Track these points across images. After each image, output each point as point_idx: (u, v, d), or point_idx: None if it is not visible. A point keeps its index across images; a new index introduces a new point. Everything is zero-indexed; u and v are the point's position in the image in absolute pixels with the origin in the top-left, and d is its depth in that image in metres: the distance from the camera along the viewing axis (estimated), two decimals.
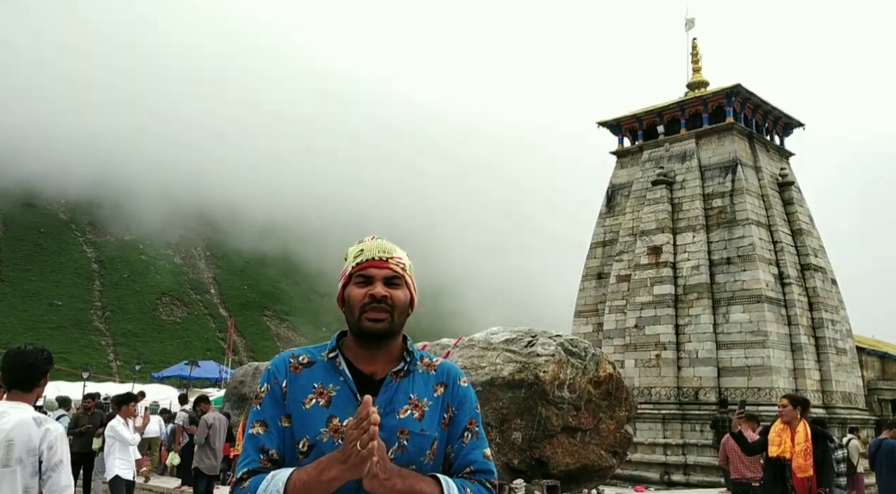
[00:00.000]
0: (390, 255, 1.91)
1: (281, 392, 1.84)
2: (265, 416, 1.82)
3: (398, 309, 1.87)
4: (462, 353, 12.04)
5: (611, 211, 22.86)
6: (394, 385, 1.85)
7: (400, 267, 1.91)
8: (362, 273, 1.89)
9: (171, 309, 65.73)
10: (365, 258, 1.90)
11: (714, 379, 18.69)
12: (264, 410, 1.83)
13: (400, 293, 1.89)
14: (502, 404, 11.08)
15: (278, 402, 1.83)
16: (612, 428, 11.82)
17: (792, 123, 23.29)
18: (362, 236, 2.01)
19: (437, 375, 1.93)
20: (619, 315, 20.75)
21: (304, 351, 1.93)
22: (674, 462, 18.42)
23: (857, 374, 20.21)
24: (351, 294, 1.88)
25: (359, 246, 1.95)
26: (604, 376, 11.69)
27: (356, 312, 1.85)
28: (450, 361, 2.06)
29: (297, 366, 1.87)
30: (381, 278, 1.88)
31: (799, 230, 20.45)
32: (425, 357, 1.97)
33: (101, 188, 73.92)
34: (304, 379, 1.85)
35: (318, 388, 1.82)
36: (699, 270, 19.63)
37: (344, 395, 1.81)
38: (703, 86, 22.65)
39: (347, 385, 1.83)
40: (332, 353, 1.89)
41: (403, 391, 1.85)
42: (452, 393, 1.92)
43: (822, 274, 20.17)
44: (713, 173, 20.71)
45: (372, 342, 1.86)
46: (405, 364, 1.89)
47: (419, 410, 1.84)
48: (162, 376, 34.87)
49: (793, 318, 18.94)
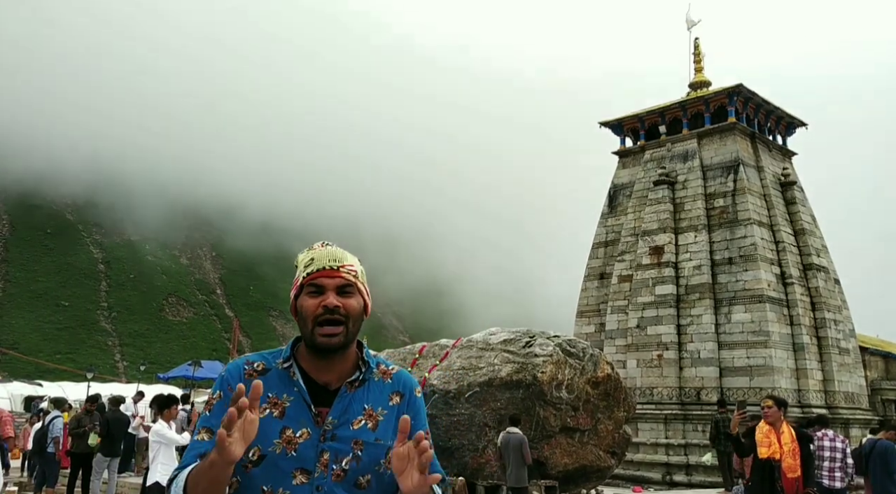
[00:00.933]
0: (341, 263, 1.89)
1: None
2: (212, 423, 1.78)
3: (352, 318, 1.86)
4: (461, 354, 12.08)
5: (613, 211, 22.85)
6: (348, 395, 1.84)
7: (352, 275, 1.89)
8: (314, 282, 1.86)
9: (178, 310, 66.01)
10: (316, 267, 1.87)
11: (716, 380, 18.66)
12: (213, 417, 1.80)
13: (353, 301, 1.87)
14: (500, 404, 11.11)
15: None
16: (611, 429, 11.83)
17: (794, 123, 23.23)
18: (327, 240, 1.99)
19: (394, 384, 1.93)
20: (621, 315, 20.74)
21: (259, 358, 1.91)
22: (676, 462, 18.40)
23: (860, 374, 20.13)
24: (303, 304, 1.85)
25: (309, 253, 1.92)
26: (602, 376, 11.70)
27: (310, 324, 1.83)
28: (447, 361, 2.08)
29: (251, 373, 1.85)
30: (334, 287, 1.86)
31: (801, 230, 20.40)
32: (382, 364, 1.96)
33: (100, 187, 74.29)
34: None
35: (271, 398, 1.79)
36: (701, 270, 19.61)
37: (298, 406, 1.80)
38: (705, 86, 22.61)
39: (301, 396, 1.81)
40: (286, 363, 1.86)
41: (358, 401, 1.85)
42: (409, 404, 1.92)
43: (824, 274, 20.12)
44: (715, 173, 20.68)
45: (326, 354, 1.85)
46: (360, 373, 1.88)
47: (373, 420, 1.84)
48: (168, 376, 35.01)
49: (795, 318, 18.89)
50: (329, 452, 1.78)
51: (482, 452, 10.77)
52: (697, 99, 21.90)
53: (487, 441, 10.96)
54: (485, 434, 10.91)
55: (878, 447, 8.67)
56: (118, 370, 51.59)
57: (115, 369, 51.28)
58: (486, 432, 10.99)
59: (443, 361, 12.17)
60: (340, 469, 1.78)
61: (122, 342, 57.53)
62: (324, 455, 1.77)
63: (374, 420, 1.84)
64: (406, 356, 13.06)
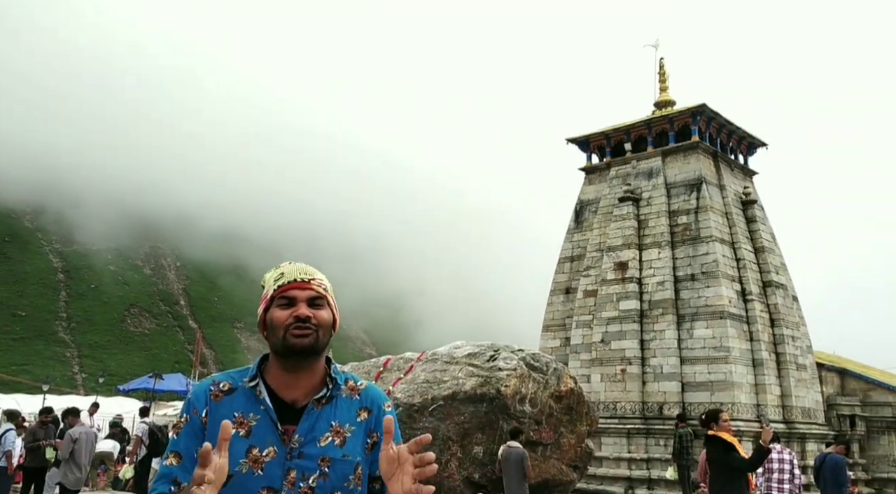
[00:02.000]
0: (312, 277, 1.92)
1: (200, 423, 1.83)
2: (180, 448, 1.81)
3: (322, 328, 1.87)
4: (425, 367, 12.08)
5: (579, 226, 23.11)
6: (315, 412, 1.84)
7: (322, 288, 1.92)
8: (285, 294, 1.88)
9: (140, 321, 64.78)
10: (287, 280, 1.90)
11: (678, 394, 18.90)
12: (180, 441, 1.82)
13: (324, 313, 1.89)
14: (464, 418, 11.12)
15: (196, 433, 1.82)
16: (573, 443, 11.91)
17: (755, 143, 23.79)
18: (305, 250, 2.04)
19: (362, 400, 1.93)
20: (586, 329, 20.93)
21: (226, 377, 1.92)
22: (638, 476, 18.56)
23: (817, 390, 20.57)
24: (274, 316, 1.86)
25: (278, 270, 1.95)
26: (565, 390, 11.79)
27: (280, 332, 1.84)
28: (412, 375, 2.11)
29: (217, 394, 1.86)
30: (305, 299, 1.88)
31: (761, 247, 20.84)
32: (350, 380, 1.97)
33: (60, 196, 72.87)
34: (225, 407, 1.83)
35: (238, 418, 1.81)
36: (664, 286, 19.90)
37: (264, 425, 1.80)
38: (670, 105, 23.06)
39: (268, 414, 1.81)
40: (252, 381, 1.87)
41: (325, 418, 1.85)
42: (377, 420, 1.91)
43: (783, 291, 20.56)
44: (679, 190, 21.06)
45: (297, 360, 1.85)
46: (327, 390, 1.88)
47: (340, 436, 1.84)
48: (128, 388, 34.26)
49: (754, 334, 19.25)
50: (296, 470, 1.78)
51: (445, 466, 10.75)
52: (662, 117, 22.32)
53: (451, 454, 10.95)
54: (448, 448, 10.90)
55: (828, 461, 8.91)
56: (76, 382, 50.38)
57: (72, 381, 50.06)
58: (450, 446, 10.98)
59: (407, 374, 12.16)
60: (308, 486, 1.78)
61: (80, 353, 56.21)
62: (291, 474, 1.78)
63: (341, 437, 1.85)
64: (370, 369, 13.02)
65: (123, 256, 72.73)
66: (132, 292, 67.86)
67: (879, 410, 21.41)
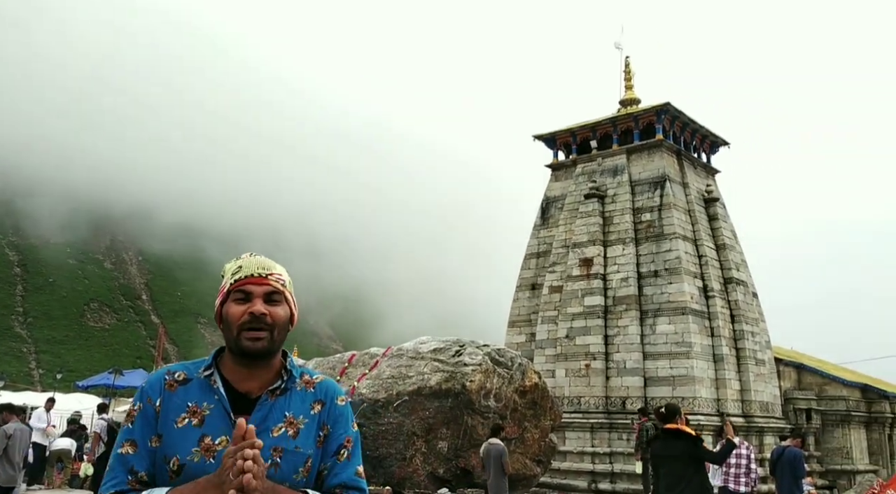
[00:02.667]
0: (270, 271, 1.90)
1: (154, 411, 1.82)
2: (135, 436, 1.80)
3: (278, 326, 1.86)
4: (390, 363, 12.06)
5: (545, 222, 23.25)
6: (269, 403, 1.85)
7: (280, 284, 1.90)
8: (241, 288, 1.87)
9: (100, 316, 63.55)
10: (243, 274, 1.88)
11: (641, 389, 19.16)
12: (135, 430, 1.81)
13: (280, 310, 1.88)
14: (429, 413, 11.13)
15: (149, 422, 1.81)
16: (537, 437, 12.01)
17: (718, 142, 24.18)
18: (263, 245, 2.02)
19: (316, 393, 1.93)
20: (551, 325, 21.09)
21: (181, 367, 1.91)
22: (601, 470, 18.77)
23: (775, 384, 21.03)
24: (229, 311, 1.86)
25: (237, 262, 1.93)
26: (529, 385, 11.88)
27: (234, 330, 1.83)
28: (377, 370, 2.11)
29: (172, 384, 1.86)
30: (261, 294, 1.86)
31: (723, 244, 21.21)
32: (306, 374, 1.96)
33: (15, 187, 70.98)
34: (179, 397, 1.83)
35: (191, 407, 1.81)
36: (628, 282, 20.14)
37: (218, 414, 1.81)
38: (635, 104, 23.31)
39: (222, 404, 1.82)
40: (207, 371, 1.87)
41: (279, 409, 1.85)
42: (329, 412, 1.92)
43: (743, 288, 20.95)
44: (643, 188, 21.32)
45: (251, 360, 1.85)
46: (282, 382, 1.88)
47: (294, 428, 1.84)
48: (87, 385, 33.59)
49: (715, 330, 19.60)
50: None
51: (409, 461, 10.76)
52: (627, 116, 22.55)
53: (415, 450, 10.96)
54: (412, 443, 10.91)
55: (787, 454, 9.14)
56: (33, 378, 49.21)
57: (29, 377, 48.88)
58: (415, 441, 10.99)
59: (372, 370, 12.12)
60: None
61: (38, 349, 54.93)
62: None
63: (294, 428, 1.84)
64: (335, 364, 12.96)
65: (83, 250, 71.22)
66: (92, 286, 66.54)
67: (834, 404, 21.97)
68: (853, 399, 22.38)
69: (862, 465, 21.26)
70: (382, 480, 10.77)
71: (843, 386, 23.01)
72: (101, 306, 64.66)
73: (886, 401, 22.88)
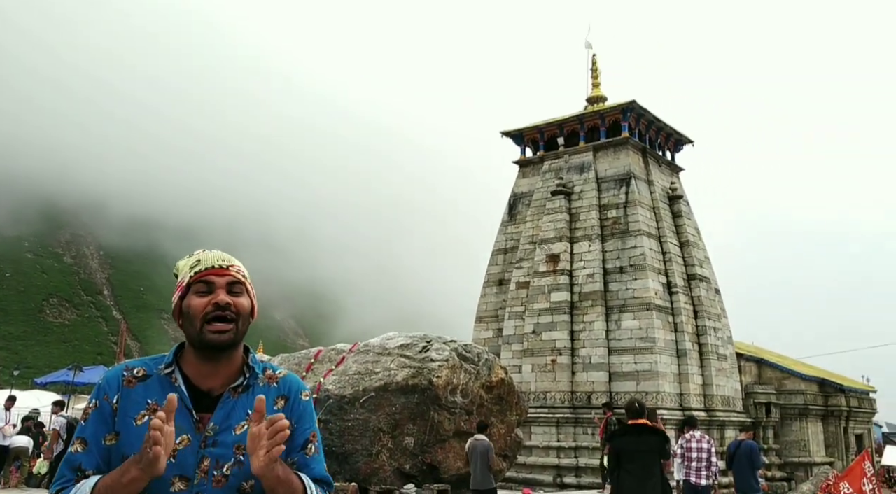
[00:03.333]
0: (230, 263, 1.89)
1: (111, 408, 1.79)
2: (86, 434, 1.77)
3: (242, 316, 1.85)
4: (357, 359, 12.01)
5: (512, 219, 23.36)
6: (231, 401, 1.83)
7: (241, 275, 1.90)
8: (203, 280, 1.84)
9: (60, 311, 62.14)
10: (204, 267, 1.86)
11: (606, 384, 19.39)
12: (87, 427, 1.78)
13: (243, 300, 1.87)
14: (395, 409, 11.11)
15: (105, 420, 1.78)
16: (503, 432, 12.07)
17: (682, 140, 24.53)
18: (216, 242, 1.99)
19: (279, 388, 1.91)
20: (518, 321, 21.21)
21: (140, 364, 1.88)
22: (566, 464, 18.96)
23: (736, 379, 21.45)
24: (191, 304, 1.83)
25: (193, 257, 1.91)
26: (496, 381, 11.93)
27: (198, 323, 1.80)
28: (343, 366, 2.09)
29: (130, 380, 1.82)
30: (224, 285, 1.85)
31: (686, 241, 21.53)
32: (269, 369, 1.95)
33: None
34: (138, 393, 1.80)
35: (151, 405, 1.78)
36: (594, 278, 20.34)
37: (179, 412, 1.75)
38: (602, 101, 23.51)
39: (183, 402, 1.78)
40: (167, 369, 1.84)
41: (241, 406, 1.83)
42: (293, 407, 1.90)
43: (706, 284, 21.30)
44: (609, 185, 21.53)
45: (215, 353, 1.83)
46: (244, 379, 1.86)
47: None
48: (45, 381, 32.86)
49: (679, 325, 19.90)
50: (210, 458, 1.76)
51: (375, 457, 10.74)
52: (594, 113, 22.75)
53: (381, 445, 10.93)
54: (379, 439, 10.88)
55: (743, 446, 9.37)
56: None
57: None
58: (381, 437, 10.96)
59: (339, 366, 12.06)
60: (222, 474, 1.76)
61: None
62: (204, 462, 1.76)
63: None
64: (301, 360, 12.86)
65: (42, 244, 69.54)
66: (51, 281, 65.03)
67: (792, 398, 22.49)
68: (811, 393, 22.94)
69: (819, 457, 21.80)
70: (348, 476, 10.73)
71: (802, 381, 23.56)
72: (61, 301, 63.26)
73: (842, 395, 23.49)
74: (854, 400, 24.10)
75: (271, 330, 69.47)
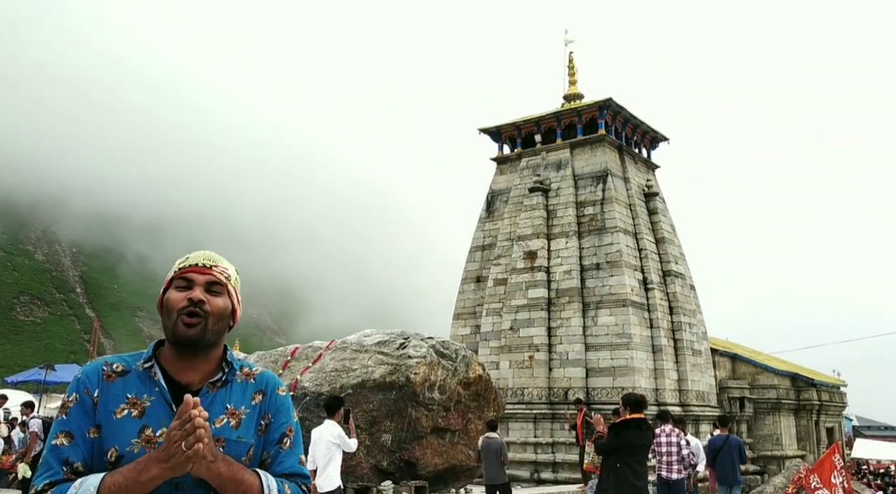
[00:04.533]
0: (214, 264, 1.93)
1: (92, 402, 1.79)
2: (71, 427, 1.76)
3: (214, 315, 1.87)
4: (334, 356, 11.96)
5: (490, 216, 23.40)
6: (210, 395, 1.85)
7: (223, 276, 1.92)
8: (184, 276, 1.89)
9: (31, 309, 61.12)
10: (188, 264, 1.91)
11: (583, 380, 19.51)
12: (70, 420, 1.77)
13: (219, 301, 1.89)
14: (373, 406, 11.10)
15: (87, 413, 1.78)
16: (481, 429, 12.10)
17: (658, 138, 24.73)
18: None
19: (256, 383, 1.95)
20: (496, 317, 21.26)
21: (119, 359, 1.90)
22: (543, 460, 19.06)
23: (711, 374, 21.70)
24: (170, 297, 1.87)
25: (186, 256, 1.96)
26: (473, 377, 11.96)
27: (173, 316, 1.84)
28: (320, 363, 2.12)
29: (109, 374, 1.84)
30: (203, 283, 1.88)
31: (662, 238, 21.72)
32: (245, 366, 1.98)
33: None
34: (117, 388, 1.82)
35: (131, 399, 1.80)
36: (571, 275, 20.45)
37: (158, 406, 1.80)
38: (579, 99, 23.62)
39: (162, 395, 1.81)
40: (147, 363, 1.86)
41: (220, 401, 1.86)
42: (270, 401, 1.94)
43: (681, 280, 21.52)
44: (586, 182, 21.65)
45: (186, 349, 1.85)
46: (223, 374, 1.90)
47: (236, 418, 1.86)
48: (16, 380, 32.34)
49: (654, 321, 20.08)
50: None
51: (352, 454, 10.70)
52: (571, 110, 22.85)
53: (359, 443, 10.90)
54: (356, 436, 10.85)
55: (731, 441, 9.54)
56: None
57: None
58: (358, 434, 10.93)
59: (315, 363, 12.00)
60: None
61: None
62: None
63: (236, 418, 1.86)
64: (278, 358, 12.78)
65: (11, 240, 68.31)
66: (22, 278, 63.92)
67: (766, 392, 22.80)
68: (783, 387, 23.26)
69: (791, 451, 22.14)
70: None
71: (775, 375, 23.89)
72: (32, 299, 62.23)
73: (814, 389, 23.86)
74: (825, 394, 24.49)
75: (247, 328, 68.95)
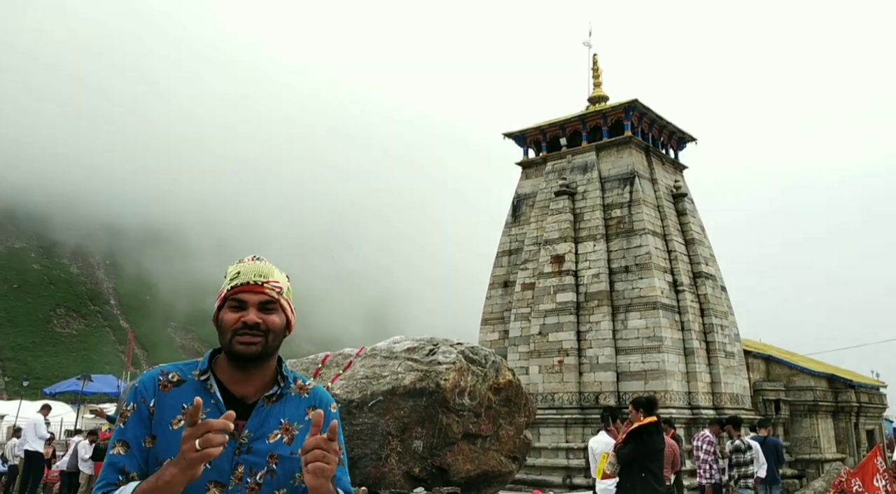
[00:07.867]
0: (266, 279, 1.91)
1: (148, 411, 1.81)
2: (128, 436, 1.79)
3: (272, 332, 1.88)
4: (364, 363, 12.01)
5: (516, 220, 23.35)
6: (265, 409, 1.86)
7: (276, 292, 1.91)
8: (236, 297, 1.88)
9: (67, 321, 62.41)
10: (240, 282, 1.89)
11: (613, 384, 19.34)
12: (127, 430, 1.80)
13: (275, 318, 1.89)
14: (403, 413, 11.11)
15: (144, 422, 1.80)
16: (512, 434, 12.04)
17: (685, 138, 24.48)
18: (242, 254, 2.01)
19: (310, 399, 1.95)
20: (524, 322, 21.18)
21: (174, 369, 1.91)
22: (576, 465, 18.91)
23: (744, 376, 21.37)
24: (224, 317, 1.88)
25: (237, 266, 1.94)
26: (503, 382, 11.91)
27: (228, 335, 1.85)
28: (351, 370, 2.15)
29: (166, 384, 1.85)
30: (256, 303, 1.88)
31: (692, 239, 21.48)
32: (299, 379, 1.99)
33: None
34: (173, 398, 1.83)
35: (187, 409, 1.79)
36: (599, 278, 20.30)
37: (213, 418, 1.78)
38: (604, 101, 23.49)
39: (218, 408, 1.82)
40: (203, 375, 1.87)
41: (275, 415, 1.87)
42: (323, 418, 1.94)
43: (712, 282, 21.25)
44: (612, 184, 21.50)
45: (243, 363, 1.86)
46: (278, 388, 1.90)
47: (289, 434, 1.86)
48: (54, 391, 32.99)
49: (685, 324, 19.85)
50: (244, 465, 1.79)
51: (385, 461, 10.73)
52: (596, 113, 22.73)
53: (390, 449, 10.93)
54: (387, 442, 10.88)
55: (769, 442, 9.52)
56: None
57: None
58: (389, 441, 10.95)
59: (346, 370, 12.07)
60: (255, 482, 1.79)
61: (2, 356, 53.80)
62: (238, 469, 1.79)
63: (289, 435, 1.86)
64: (309, 365, 12.86)
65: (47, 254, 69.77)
66: (58, 292, 65.27)
67: (802, 394, 22.38)
68: (820, 389, 22.82)
69: (830, 454, 21.69)
70: (358, 480, 10.73)
71: (811, 377, 23.45)
72: (69, 311, 63.51)
73: (852, 391, 23.37)
74: (864, 396, 23.97)
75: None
